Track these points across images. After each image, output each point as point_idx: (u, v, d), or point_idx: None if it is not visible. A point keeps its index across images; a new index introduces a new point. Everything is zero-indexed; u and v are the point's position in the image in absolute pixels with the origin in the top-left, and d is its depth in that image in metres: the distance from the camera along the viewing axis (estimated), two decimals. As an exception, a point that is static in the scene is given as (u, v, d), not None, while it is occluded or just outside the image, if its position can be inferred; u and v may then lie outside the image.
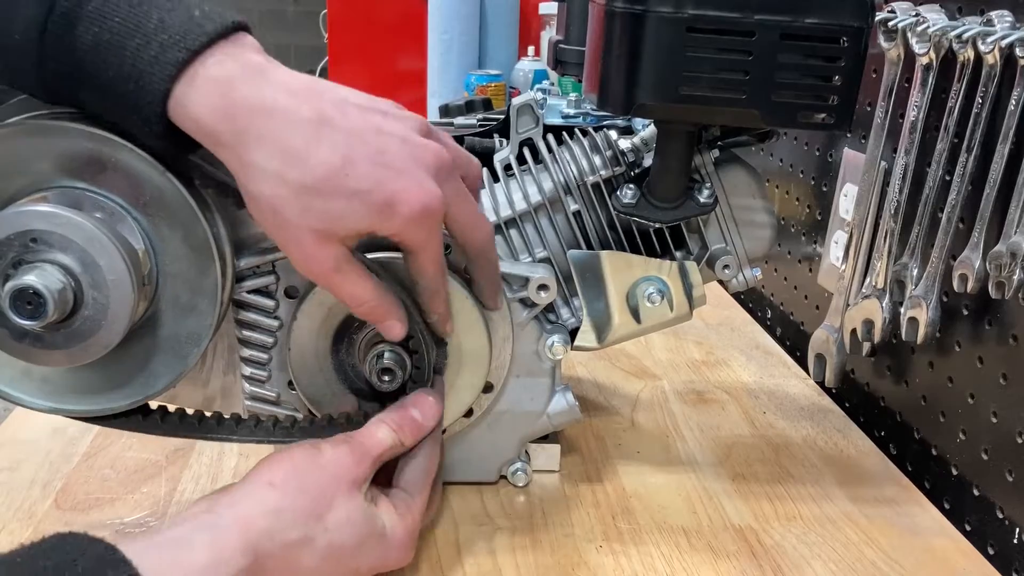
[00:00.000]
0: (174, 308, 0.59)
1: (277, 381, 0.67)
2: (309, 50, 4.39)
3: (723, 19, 0.61)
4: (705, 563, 0.67)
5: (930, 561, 0.69)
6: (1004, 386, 0.71)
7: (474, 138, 0.83)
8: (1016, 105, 0.67)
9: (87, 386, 0.61)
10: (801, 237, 1.07)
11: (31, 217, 0.53)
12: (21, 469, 0.75)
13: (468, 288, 0.66)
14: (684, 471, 0.79)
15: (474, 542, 0.68)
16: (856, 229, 0.84)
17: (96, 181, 0.56)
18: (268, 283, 0.64)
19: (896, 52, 0.79)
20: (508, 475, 0.75)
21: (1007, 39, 0.67)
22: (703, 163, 0.72)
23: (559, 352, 0.70)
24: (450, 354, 0.67)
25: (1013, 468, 0.70)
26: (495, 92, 1.77)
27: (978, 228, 0.70)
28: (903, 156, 0.78)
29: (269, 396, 0.67)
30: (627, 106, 0.64)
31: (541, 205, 0.72)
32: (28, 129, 0.55)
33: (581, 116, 0.81)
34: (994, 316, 0.72)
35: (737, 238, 0.74)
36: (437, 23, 1.90)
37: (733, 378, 0.98)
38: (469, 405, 0.70)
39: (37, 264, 0.53)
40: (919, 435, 0.83)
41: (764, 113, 0.63)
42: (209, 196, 0.59)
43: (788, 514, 0.73)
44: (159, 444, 0.77)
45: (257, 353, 0.66)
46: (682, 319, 0.73)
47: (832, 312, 0.87)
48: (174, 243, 0.58)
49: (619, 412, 0.89)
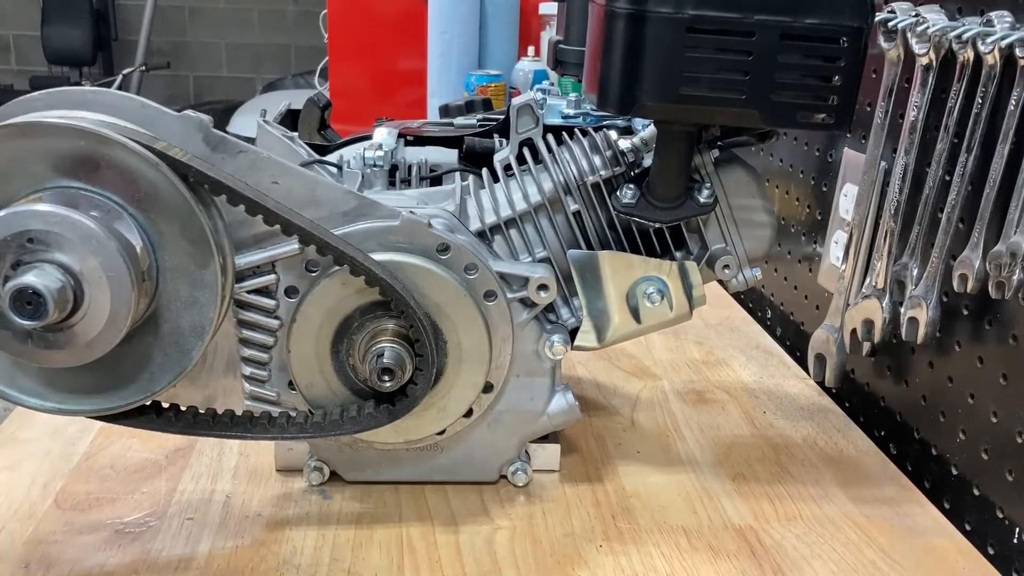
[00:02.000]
0: (175, 303, 0.59)
1: (277, 381, 0.67)
2: (309, 50, 4.40)
3: (723, 19, 0.61)
4: (705, 563, 0.67)
5: (930, 561, 0.69)
6: (1004, 386, 0.71)
7: (474, 138, 0.83)
8: (1016, 105, 0.67)
9: (91, 385, 0.61)
10: (801, 237, 1.07)
11: (27, 217, 0.53)
12: (21, 469, 0.75)
13: (467, 287, 0.66)
14: (684, 471, 0.79)
15: (474, 542, 0.68)
16: (856, 229, 0.84)
17: (91, 179, 0.56)
18: (268, 283, 0.64)
19: (896, 52, 0.79)
20: (508, 475, 0.75)
21: (1007, 39, 0.67)
22: (703, 163, 0.72)
23: (559, 352, 0.70)
24: (450, 353, 0.67)
25: (1013, 468, 0.70)
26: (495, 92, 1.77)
27: (978, 228, 0.70)
28: (903, 156, 0.78)
29: (269, 396, 0.67)
30: (627, 106, 0.64)
31: (541, 205, 0.72)
32: (21, 130, 0.55)
33: (581, 116, 0.81)
34: (994, 316, 0.72)
35: (737, 238, 0.74)
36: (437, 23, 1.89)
37: (733, 378, 0.98)
38: (469, 405, 0.70)
39: (36, 264, 0.53)
40: (919, 435, 0.83)
41: (764, 113, 0.63)
42: (204, 192, 0.59)
43: (788, 514, 0.73)
44: (159, 444, 0.77)
45: (257, 353, 0.66)
46: (682, 319, 0.73)
47: (832, 312, 0.87)
48: (172, 238, 0.58)
49: (619, 412, 0.89)
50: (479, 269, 0.66)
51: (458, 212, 0.70)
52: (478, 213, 0.71)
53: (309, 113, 0.95)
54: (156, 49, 4.37)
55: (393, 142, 0.79)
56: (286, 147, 0.75)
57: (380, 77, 2.07)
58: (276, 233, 0.62)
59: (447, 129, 0.89)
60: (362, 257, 0.62)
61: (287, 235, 0.61)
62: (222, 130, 0.63)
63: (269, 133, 0.76)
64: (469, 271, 0.66)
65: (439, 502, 0.72)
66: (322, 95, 0.97)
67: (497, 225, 0.71)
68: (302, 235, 0.61)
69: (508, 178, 0.73)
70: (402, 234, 0.65)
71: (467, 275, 0.66)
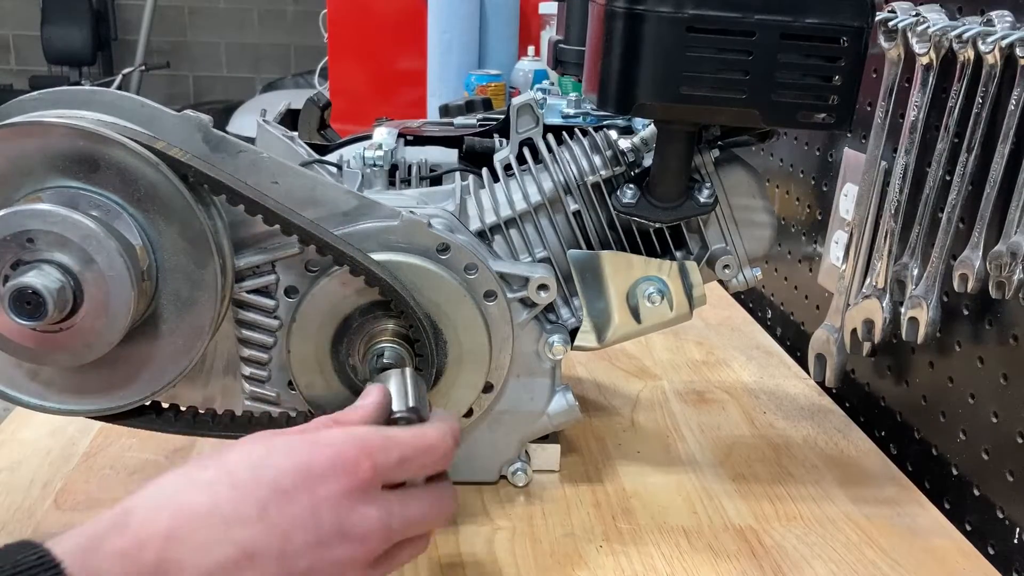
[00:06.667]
0: (175, 303, 0.59)
1: (277, 381, 0.67)
2: (309, 50, 4.40)
3: (723, 19, 0.61)
4: (705, 563, 0.67)
5: (930, 561, 0.68)
6: (1004, 386, 0.71)
7: (474, 138, 0.83)
8: (1016, 105, 0.67)
9: (91, 385, 0.61)
10: (801, 237, 1.07)
11: (27, 217, 0.53)
12: (21, 469, 0.75)
13: (467, 287, 0.66)
14: (684, 471, 0.79)
15: (474, 542, 0.68)
16: (856, 229, 0.84)
17: (90, 179, 0.56)
18: (268, 283, 0.64)
19: (896, 52, 0.79)
20: (508, 475, 0.75)
21: (1007, 39, 0.67)
22: (703, 163, 0.72)
23: (559, 352, 0.70)
24: (450, 353, 0.67)
25: (1013, 468, 0.70)
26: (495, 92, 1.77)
27: (978, 228, 0.70)
28: (903, 156, 0.78)
29: (269, 396, 0.67)
30: (627, 106, 0.64)
31: (541, 205, 0.72)
32: (21, 130, 0.55)
33: (581, 116, 0.81)
34: (994, 316, 0.72)
35: (737, 238, 0.73)
36: (437, 23, 1.89)
37: (733, 378, 0.98)
38: (469, 405, 0.70)
39: (35, 264, 0.53)
40: (919, 435, 0.83)
41: (764, 113, 0.63)
42: (204, 192, 0.59)
43: (788, 514, 0.73)
44: (159, 444, 0.77)
45: (257, 353, 0.66)
46: (682, 319, 0.73)
47: (832, 312, 0.87)
48: (171, 237, 0.58)
49: (619, 412, 0.89)
50: (479, 269, 0.66)
51: (458, 212, 0.70)
52: (478, 213, 0.71)
53: (309, 113, 0.95)
54: (156, 49, 4.37)
55: (393, 142, 0.79)
56: (286, 147, 0.75)
57: (380, 77, 2.07)
58: (276, 233, 0.62)
59: (447, 129, 0.89)
60: (362, 257, 0.62)
61: (287, 235, 0.61)
62: (222, 130, 0.63)
63: (269, 133, 0.76)
64: (469, 271, 0.66)
65: (439, 502, 0.72)
66: (322, 95, 0.97)
67: (497, 225, 0.71)
68: (302, 235, 0.61)
69: (508, 178, 0.73)
70: (402, 234, 0.65)
71: (467, 275, 0.66)
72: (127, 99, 0.61)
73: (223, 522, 0.46)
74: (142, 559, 0.43)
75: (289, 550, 0.47)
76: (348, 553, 0.49)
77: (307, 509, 0.48)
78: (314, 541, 0.48)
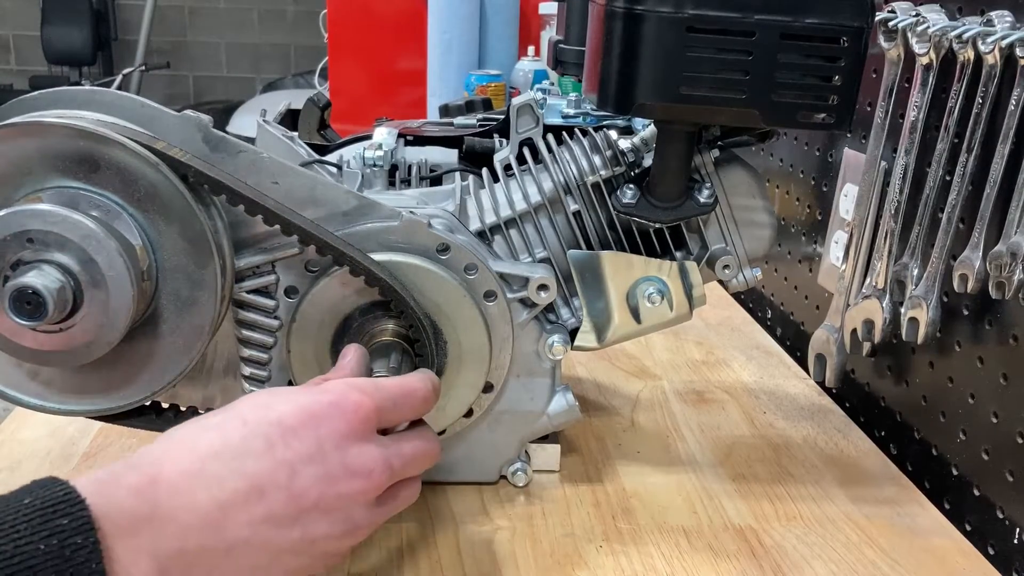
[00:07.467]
0: (175, 303, 0.59)
1: (277, 381, 0.67)
2: (309, 50, 4.40)
3: (723, 19, 0.61)
4: (705, 563, 0.67)
5: (930, 561, 0.69)
6: (1004, 386, 0.71)
7: (474, 138, 0.83)
8: (1016, 105, 0.67)
9: (91, 385, 0.61)
10: (801, 237, 1.07)
11: (27, 217, 0.53)
12: (21, 469, 0.75)
13: (467, 287, 0.66)
14: (684, 471, 0.79)
15: (474, 542, 0.68)
16: (856, 229, 0.84)
17: (90, 179, 0.56)
18: (268, 283, 0.64)
19: (896, 52, 0.79)
20: (508, 475, 0.75)
21: (1007, 39, 0.67)
22: (703, 163, 0.72)
23: (559, 352, 0.70)
24: (450, 353, 0.67)
25: (1013, 468, 0.70)
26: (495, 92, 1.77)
27: (978, 228, 0.70)
28: (903, 156, 0.78)
29: (269, 396, 0.67)
30: (627, 106, 0.64)
31: (541, 205, 0.72)
32: (21, 130, 0.55)
33: (581, 116, 0.81)
34: (994, 316, 0.72)
35: (737, 238, 0.74)
36: (437, 23, 1.89)
37: (733, 378, 0.98)
38: (469, 405, 0.70)
39: (35, 264, 0.53)
40: (919, 435, 0.83)
41: (764, 113, 0.63)
42: (204, 192, 0.59)
43: (788, 514, 0.73)
44: (159, 444, 0.77)
45: (257, 353, 0.66)
46: (682, 319, 0.73)
47: (832, 312, 0.87)
48: (171, 237, 0.58)
49: (619, 412, 0.89)
50: (479, 269, 0.66)
51: (458, 212, 0.70)
52: (478, 213, 0.71)
53: (309, 113, 0.95)
54: (156, 49, 4.38)
55: (393, 142, 0.79)
56: (286, 147, 0.75)
57: (380, 77, 2.07)
58: (276, 233, 0.62)
59: (447, 129, 0.89)
60: (362, 257, 0.62)
61: (287, 235, 0.61)
62: (222, 130, 0.63)
63: (269, 133, 0.76)
64: (469, 271, 0.66)
65: (439, 502, 0.72)
66: (322, 95, 0.97)
67: (497, 225, 0.71)
68: (302, 235, 0.61)
69: (508, 178, 0.73)
70: (402, 234, 0.65)
71: (467, 275, 0.66)
72: (127, 99, 0.61)
73: (233, 456, 0.48)
74: (156, 494, 0.45)
75: (297, 485, 0.49)
76: (354, 487, 0.51)
77: (312, 445, 0.50)
78: (321, 475, 0.50)
